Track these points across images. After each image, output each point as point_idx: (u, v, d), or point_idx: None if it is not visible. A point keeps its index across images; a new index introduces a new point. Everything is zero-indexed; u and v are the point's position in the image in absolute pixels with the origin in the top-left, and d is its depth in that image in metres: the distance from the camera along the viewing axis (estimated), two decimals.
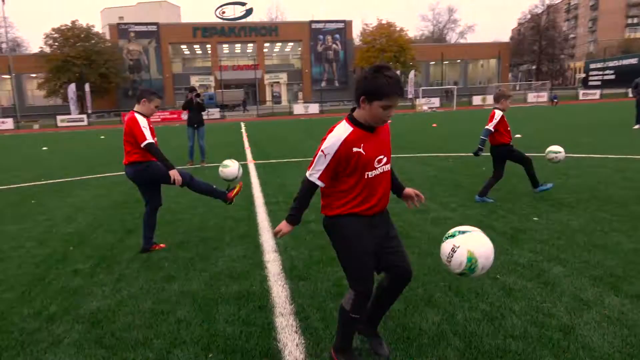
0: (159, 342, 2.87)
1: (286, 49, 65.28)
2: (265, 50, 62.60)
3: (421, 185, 7.35)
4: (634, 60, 66.75)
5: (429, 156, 10.75)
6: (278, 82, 60.06)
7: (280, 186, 7.86)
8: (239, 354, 2.70)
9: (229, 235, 5.14)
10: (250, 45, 62.54)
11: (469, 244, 2.25)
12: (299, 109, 44.72)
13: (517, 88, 71.93)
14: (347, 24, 62.80)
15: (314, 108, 44.87)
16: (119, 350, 2.79)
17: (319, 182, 2.31)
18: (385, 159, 2.36)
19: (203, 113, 11.27)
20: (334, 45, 61.96)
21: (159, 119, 41.55)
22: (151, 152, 4.30)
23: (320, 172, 2.28)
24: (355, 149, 2.23)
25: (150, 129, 4.38)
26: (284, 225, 2.45)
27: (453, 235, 2.33)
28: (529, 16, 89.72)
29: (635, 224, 4.77)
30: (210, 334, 2.93)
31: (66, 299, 3.60)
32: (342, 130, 2.26)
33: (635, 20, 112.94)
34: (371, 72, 2.18)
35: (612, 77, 67.48)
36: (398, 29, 57.55)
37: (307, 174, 2.34)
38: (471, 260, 2.21)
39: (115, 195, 7.70)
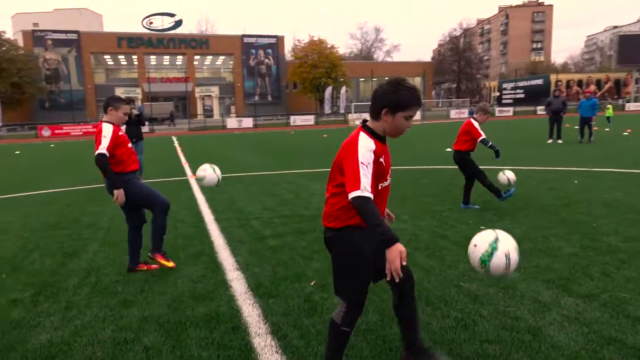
0: None
1: (217, 62, 64.29)
2: (195, 62, 61.20)
3: None
4: (540, 81, 73.57)
5: None
6: (210, 96, 58.86)
7: (228, 202, 7.66)
8: None
9: (182, 253, 4.90)
10: (179, 57, 60.86)
11: (509, 244, 2.39)
12: (232, 123, 44.07)
13: (440, 105, 76.47)
14: (279, 40, 63.30)
15: (248, 122, 44.45)
16: None
17: (371, 195, 2.15)
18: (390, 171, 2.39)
19: (142, 127, 10.75)
20: (266, 60, 62.08)
21: (81, 133, 39.00)
22: (97, 162, 4.00)
23: (370, 184, 2.15)
24: (380, 159, 2.24)
25: (120, 137, 4.12)
26: (393, 252, 2.10)
27: (495, 249, 2.37)
28: (448, 38, 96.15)
29: (569, 230, 5.22)
30: (190, 358, 2.77)
31: (8, 333, 3.22)
32: (368, 141, 2.23)
33: (539, 45, 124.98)
34: (392, 86, 2.22)
35: (522, 96, 73.87)
36: (329, 45, 58.99)
37: (359, 192, 2.12)
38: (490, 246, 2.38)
39: (47, 215, 7.06)
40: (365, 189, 2.12)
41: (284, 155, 15.74)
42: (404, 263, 2.13)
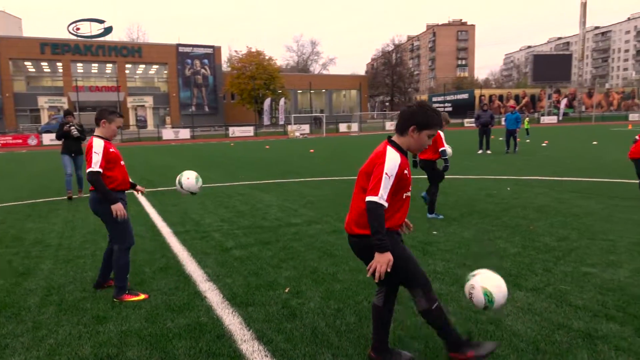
0: None
1: (150, 72, 62.13)
2: (127, 71, 58.76)
3: (323, 206, 7.77)
4: (465, 96, 78.44)
5: (321, 180, 11.31)
6: (143, 106, 56.64)
7: (182, 214, 7.56)
8: None
9: (148, 268, 4.83)
10: (109, 65, 58.15)
11: (482, 283, 2.63)
12: (168, 134, 42.73)
13: (375, 117, 79.00)
14: (216, 50, 62.50)
15: (184, 133, 43.32)
16: None
17: (385, 203, 2.39)
18: None
19: (82, 141, 10.23)
20: (202, 70, 60.99)
21: None
22: (89, 179, 3.80)
23: (387, 193, 2.41)
24: (405, 172, 2.50)
25: (113, 153, 3.95)
26: (383, 258, 2.40)
27: (467, 280, 2.72)
28: (381, 53, 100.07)
29: (510, 232, 5.77)
30: None
31: None
32: (395, 154, 2.49)
33: (464, 62, 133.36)
34: (420, 107, 2.55)
35: (450, 109, 78.32)
36: (267, 57, 59.19)
37: (376, 198, 2.38)
38: (487, 294, 2.59)
39: None
40: (382, 198, 2.40)
41: (229, 166, 15.63)
42: (389, 270, 2.44)
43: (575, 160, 14.11)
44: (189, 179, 4.51)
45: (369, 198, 2.41)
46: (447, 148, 6.56)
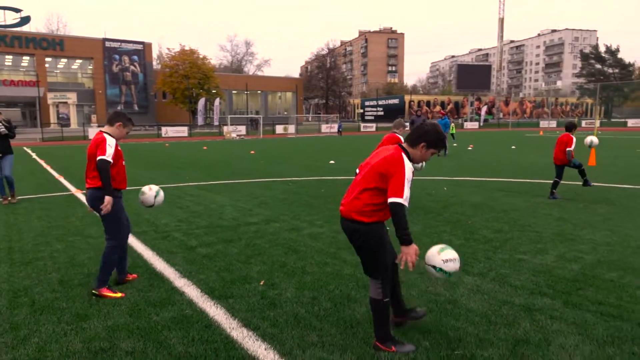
0: None
1: (73, 66, 58.27)
2: (46, 65, 54.72)
3: (277, 206, 8.05)
4: (396, 101, 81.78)
5: (270, 181, 11.54)
6: (65, 103, 53.03)
7: (135, 216, 7.44)
8: None
9: (115, 268, 4.84)
10: (26, 58, 53.83)
11: (430, 261, 2.97)
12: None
13: (310, 120, 79.93)
14: (146, 46, 60.08)
15: None
16: None
17: (407, 204, 2.79)
18: None
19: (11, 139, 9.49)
20: (132, 67, 58.35)
21: None
22: (100, 166, 3.93)
23: (409, 196, 2.79)
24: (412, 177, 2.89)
25: (119, 152, 4.14)
26: (410, 249, 2.80)
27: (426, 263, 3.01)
28: (314, 57, 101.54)
29: (452, 226, 6.43)
30: (179, 356, 2.99)
31: None
32: (409, 163, 2.88)
33: (394, 68, 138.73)
34: (433, 128, 2.96)
35: (382, 113, 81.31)
36: (201, 56, 57.87)
37: (401, 200, 2.74)
38: (441, 270, 2.94)
39: None
40: (406, 199, 2.77)
41: (170, 167, 15.33)
42: (416, 259, 2.83)
43: (498, 162, 15.51)
44: (145, 193, 4.61)
45: (395, 199, 2.75)
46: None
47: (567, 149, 8.29)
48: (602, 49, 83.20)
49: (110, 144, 4.04)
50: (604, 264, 4.74)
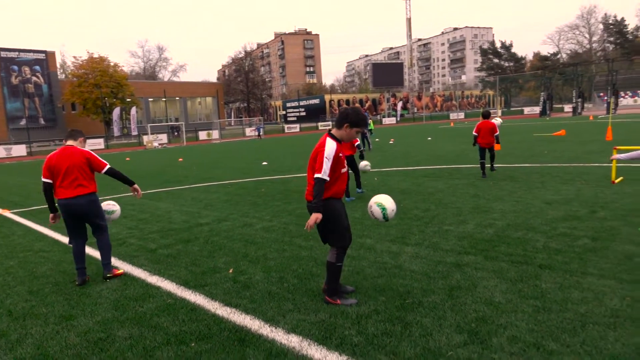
0: (146, 342, 3.15)
1: None
2: None
3: (223, 207, 8.41)
4: (317, 101, 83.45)
5: (208, 185, 11.76)
6: None
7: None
8: (215, 338, 3.33)
9: None
10: None
11: (373, 200, 3.88)
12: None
13: (232, 124, 79.12)
14: (49, 55, 56.04)
15: (19, 150, 38.15)
16: None
17: (327, 178, 3.41)
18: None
19: None
20: (34, 78, 54.06)
21: None
22: (114, 172, 4.85)
23: (327, 171, 3.42)
24: (340, 154, 3.52)
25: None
26: (315, 217, 3.41)
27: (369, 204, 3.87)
28: (231, 60, 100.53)
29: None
30: (176, 334, 3.40)
31: None
32: (332, 143, 3.49)
33: (312, 69, 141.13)
34: (354, 111, 3.56)
35: (304, 113, 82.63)
36: (112, 64, 55.10)
37: (320, 175, 3.41)
38: (379, 205, 3.84)
39: None
40: (324, 174, 3.43)
41: (97, 180, 14.81)
42: (313, 225, 3.47)
43: (418, 153, 16.93)
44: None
45: (316, 175, 3.47)
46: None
47: (496, 134, 9.82)
48: (498, 44, 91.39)
49: (98, 156, 4.82)
50: (512, 227, 5.79)
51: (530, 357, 2.82)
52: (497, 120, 12.17)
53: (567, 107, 55.15)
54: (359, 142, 8.67)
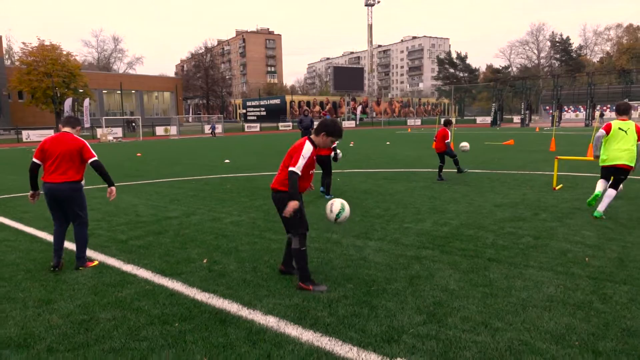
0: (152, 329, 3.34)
1: None
2: None
3: (190, 202, 8.54)
4: (277, 101, 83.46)
5: (172, 180, 11.76)
6: None
7: (44, 220, 7.36)
8: (197, 319, 3.57)
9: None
10: None
11: (340, 200, 4.26)
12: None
13: (190, 120, 77.66)
14: None
15: None
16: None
17: (300, 173, 3.81)
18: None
19: None
20: None
21: None
22: (99, 165, 4.83)
23: (301, 167, 3.80)
24: (314, 157, 3.89)
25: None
26: (294, 204, 3.77)
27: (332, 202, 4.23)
28: (191, 55, 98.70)
29: (351, 208, 7.65)
30: (159, 316, 3.61)
31: None
32: (310, 146, 3.87)
33: (273, 69, 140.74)
34: (332, 122, 3.95)
35: (265, 113, 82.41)
36: (65, 52, 52.72)
37: (295, 169, 3.84)
38: (342, 204, 4.21)
39: None
40: (298, 169, 3.85)
41: None
42: (291, 213, 3.86)
43: (378, 156, 17.55)
44: None
45: (290, 169, 3.89)
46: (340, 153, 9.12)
47: (446, 140, 10.52)
48: (454, 55, 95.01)
49: (89, 146, 4.90)
50: (464, 226, 6.34)
51: (479, 333, 3.27)
52: (464, 145, 12.50)
53: (516, 118, 58.32)
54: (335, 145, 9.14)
